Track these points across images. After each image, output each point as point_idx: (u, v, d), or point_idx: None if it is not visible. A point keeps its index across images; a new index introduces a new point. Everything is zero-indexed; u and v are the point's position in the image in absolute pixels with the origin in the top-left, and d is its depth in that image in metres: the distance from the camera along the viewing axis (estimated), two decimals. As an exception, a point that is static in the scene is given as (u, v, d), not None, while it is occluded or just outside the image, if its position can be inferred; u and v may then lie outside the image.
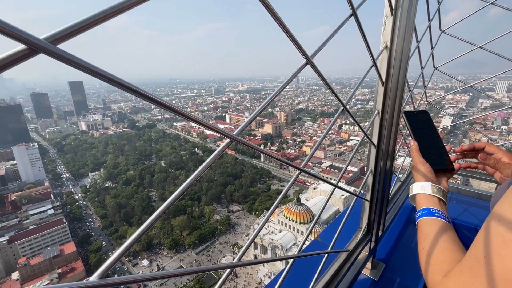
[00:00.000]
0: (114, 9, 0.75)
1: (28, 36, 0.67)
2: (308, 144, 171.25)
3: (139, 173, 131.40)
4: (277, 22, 1.20)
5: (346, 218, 2.46)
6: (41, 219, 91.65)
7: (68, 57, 0.72)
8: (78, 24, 0.73)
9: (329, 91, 1.87)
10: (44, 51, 0.69)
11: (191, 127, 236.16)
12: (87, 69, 0.75)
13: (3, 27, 0.59)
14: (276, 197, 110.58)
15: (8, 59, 0.65)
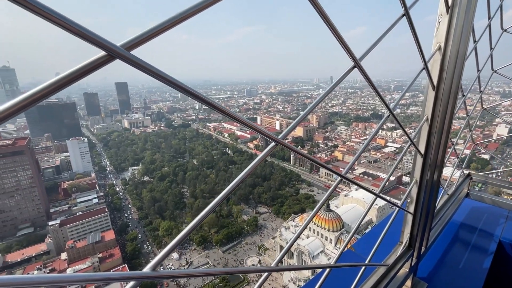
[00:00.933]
0: (183, 15, 0.92)
1: (108, 44, 0.85)
2: (341, 149, 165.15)
3: (173, 170, 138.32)
4: (326, 24, 1.19)
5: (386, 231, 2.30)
6: (87, 207, 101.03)
7: (140, 63, 0.90)
8: (148, 32, 0.88)
9: (376, 95, 1.80)
10: (120, 57, 0.84)
11: (223, 127, 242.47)
12: (155, 74, 0.92)
13: (88, 35, 0.80)
14: (304, 201, 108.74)
15: (91, 65, 0.88)
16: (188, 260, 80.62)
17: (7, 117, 0.81)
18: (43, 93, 0.95)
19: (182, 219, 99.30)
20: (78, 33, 0.83)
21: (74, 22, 0.84)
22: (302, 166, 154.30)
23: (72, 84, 0.97)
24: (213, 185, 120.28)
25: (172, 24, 0.96)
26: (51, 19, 0.81)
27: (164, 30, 0.98)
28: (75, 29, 0.83)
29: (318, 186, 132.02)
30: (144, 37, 0.94)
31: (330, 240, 69.60)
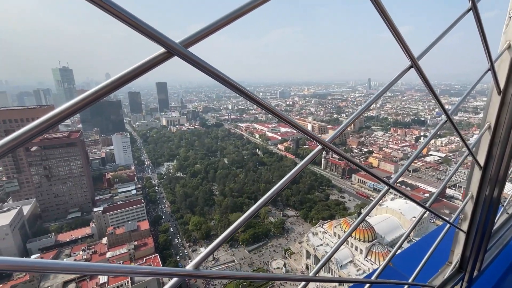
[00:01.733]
0: (239, 12, 0.95)
1: (168, 41, 0.89)
2: (377, 156, 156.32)
3: (204, 167, 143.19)
4: (384, 20, 1.13)
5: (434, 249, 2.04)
6: (126, 197, 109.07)
7: (197, 60, 0.91)
8: (205, 29, 0.89)
9: (433, 98, 1.67)
10: (179, 54, 0.85)
11: (254, 128, 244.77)
12: (210, 72, 0.94)
13: (150, 32, 0.85)
14: (335, 208, 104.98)
15: (151, 61, 0.93)
16: (214, 256, 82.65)
17: (72, 113, 0.89)
18: (107, 89, 1.01)
19: (211, 216, 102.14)
20: (141, 30, 0.86)
21: (138, 18, 0.88)
22: (333, 171, 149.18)
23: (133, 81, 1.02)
24: (242, 185, 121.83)
25: (228, 20, 0.98)
26: (118, 15, 0.85)
27: (220, 27, 0.99)
28: (138, 25, 0.87)
29: (350, 193, 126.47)
30: (201, 35, 0.96)
31: (361, 251, 66.16)
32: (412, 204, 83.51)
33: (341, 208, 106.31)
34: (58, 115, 0.87)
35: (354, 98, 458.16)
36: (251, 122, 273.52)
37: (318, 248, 71.52)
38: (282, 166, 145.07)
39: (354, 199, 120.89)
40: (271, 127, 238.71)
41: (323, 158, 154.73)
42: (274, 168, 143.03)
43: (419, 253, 2.15)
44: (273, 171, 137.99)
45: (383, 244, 68.00)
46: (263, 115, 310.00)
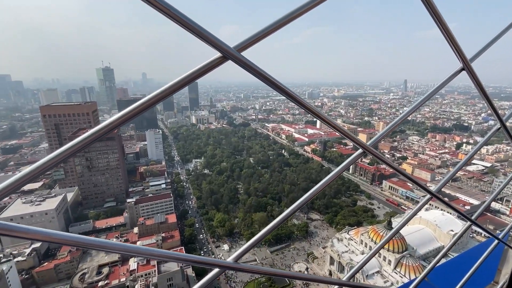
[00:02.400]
0: (288, 17, 0.98)
1: (224, 45, 0.97)
2: (411, 162, 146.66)
3: (230, 166, 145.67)
4: (435, 19, 1.07)
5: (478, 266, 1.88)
6: (156, 190, 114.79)
7: (249, 64, 1.00)
8: (257, 34, 0.96)
9: (486, 103, 1.54)
10: (233, 58, 0.93)
11: (281, 129, 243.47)
12: (261, 76, 1.01)
13: (207, 36, 0.91)
14: (362, 214, 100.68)
15: (208, 65, 1.01)
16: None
17: (130, 118, 0.97)
18: (168, 91, 1.06)
19: (235, 214, 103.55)
20: (199, 34, 0.91)
21: (197, 24, 0.92)
22: (362, 176, 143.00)
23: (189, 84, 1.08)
24: (266, 185, 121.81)
25: (279, 26, 1.02)
26: (179, 21, 0.87)
27: (271, 32, 1.04)
28: (198, 30, 0.91)
29: (379, 200, 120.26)
30: (253, 40, 1.02)
31: (389, 262, 62.63)
32: (450, 217, 77.07)
33: (369, 215, 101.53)
34: (118, 120, 0.95)
35: (388, 100, 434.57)
36: (278, 123, 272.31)
37: (343, 255, 69.06)
38: (308, 168, 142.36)
39: (384, 206, 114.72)
40: (298, 128, 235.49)
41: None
42: (300, 170, 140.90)
43: (459, 269, 1.93)
44: (299, 173, 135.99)
45: (415, 256, 63.67)
46: (290, 115, 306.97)
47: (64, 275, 70.42)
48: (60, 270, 70.93)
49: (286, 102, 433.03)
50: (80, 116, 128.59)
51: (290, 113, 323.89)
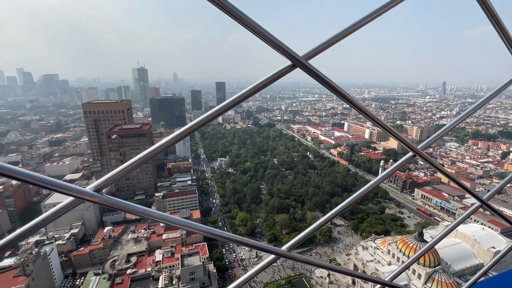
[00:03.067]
0: (356, 26, 1.01)
1: (293, 53, 1.04)
2: (448, 171, 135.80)
3: (254, 166, 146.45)
4: (488, 14, 1.05)
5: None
6: (182, 186, 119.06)
7: (317, 72, 1.05)
8: (325, 43, 0.98)
9: None
10: (301, 66, 1.01)
11: (307, 130, 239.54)
12: (327, 84, 1.04)
13: (278, 44, 0.99)
14: (390, 223, 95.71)
15: (278, 73, 1.11)
16: (258, 254, 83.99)
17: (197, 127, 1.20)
18: (238, 100, 1.18)
19: (257, 214, 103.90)
20: (270, 42, 0.99)
21: (269, 32, 0.99)
22: (392, 182, 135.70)
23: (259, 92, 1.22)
24: (290, 187, 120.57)
25: (345, 35, 1.05)
26: (250, 27, 0.95)
27: (338, 40, 1.08)
28: (270, 39, 0.98)
29: (410, 209, 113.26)
30: (321, 48, 1.05)
31: (419, 275, 58.74)
32: (492, 232, 70.40)
33: (398, 225, 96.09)
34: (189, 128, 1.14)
35: (423, 104, 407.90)
36: (303, 124, 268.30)
37: (368, 264, 66.15)
38: (334, 172, 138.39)
39: (415, 216, 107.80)
40: (325, 130, 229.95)
41: (381, 167, 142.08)
42: (325, 173, 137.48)
43: None
44: (324, 176, 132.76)
45: (449, 272, 59.03)
46: (316, 117, 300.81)
47: (97, 260, 75.82)
48: (94, 256, 76.49)
49: (312, 103, 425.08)
50: (116, 113, 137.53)
51: (317, 114, 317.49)
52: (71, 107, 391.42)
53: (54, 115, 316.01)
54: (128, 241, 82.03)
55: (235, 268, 78.90)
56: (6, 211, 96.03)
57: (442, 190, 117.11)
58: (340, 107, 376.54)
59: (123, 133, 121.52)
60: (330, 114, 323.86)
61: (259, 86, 1.12)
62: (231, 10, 0.87)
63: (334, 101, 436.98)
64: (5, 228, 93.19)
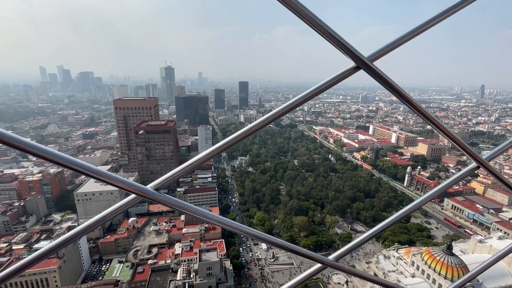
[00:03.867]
0: (421, 28, 0.99)
1: (359, 55, 1.04)
2: (482, 180, 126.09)
3: (274, 166, 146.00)
4: None
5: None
6: (203, 183, 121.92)
7: (381, 75, 1.06)
8: (391, 44, 0.97)
9: None
10: (366, 68, 1.01)
11: (329, 132, 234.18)
12: (391, 87, 1.05)
13: (345, 46, 0.97)
14: (416, 233, 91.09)
15: (342, 75, 1.12)
16: (274, 255, 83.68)
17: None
18: (301, 101, 1.16)
19: (275, 215, 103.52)
20: (336, 43, 0.97)
21: (334, 31, 0.99)
22: (419, 190, 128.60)
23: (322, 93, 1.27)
24: (310, 189, 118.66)
25: (410, 37, 1.04)
26: (316, 26, 0.95)
27: (404, 42, 1.05)
28: (334, 38, 0.98)
29: (438, 219, 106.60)
30: (387, 50, 1.04)
31: (446, 291, 55.03)
32: (532, 250, 64.07)
33: (424, 235, 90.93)
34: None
35: (457, 108, 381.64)
36: (326, 126, 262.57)
37: (390, 274, 63.29)
38: (356, 176, 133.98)
39: (444, 227, 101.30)
40: (348, 133, 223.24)
41: (407, 173, 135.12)
42: (347, 177, 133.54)
43: None
44: (345, 180, 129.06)
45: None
46: (340, 119, 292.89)
47: (121, 248, 79.97)
48: (118, 244, 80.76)
49: (336, 105, 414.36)
50: (144, 110, 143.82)
51: (341, 116, 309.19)
52: (103, 103, 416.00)
53: (88, 110, 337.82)
54: (150, 233, 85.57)
55: (251, 269, 79.17)
56: (44, 197, 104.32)
57: (476, 202, 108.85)
58: (366, 110, 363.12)
59: (150, 129, 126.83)
60: (355, 116, 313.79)
61: (322, 88, 1.11)
62: (296, 6, 0.86)
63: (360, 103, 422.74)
64: (42, 212, 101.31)
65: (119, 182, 1.33)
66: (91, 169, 1.25)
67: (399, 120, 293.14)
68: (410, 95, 1.25)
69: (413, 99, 1.25)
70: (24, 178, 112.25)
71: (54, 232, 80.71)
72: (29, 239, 79.80)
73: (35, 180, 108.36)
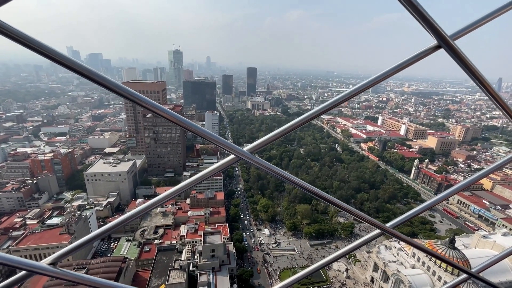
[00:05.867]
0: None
1: (442, 31, 0.94)
2: (491, 176, 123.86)
3: (280, 154, 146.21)
4: None
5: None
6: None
7: (463, 56, 0.97)
8: (475, 23, 0.91)
9: None
10: (447, 48, 0.92)
11: (337, 122, 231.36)
12: (470, 71, 0.99)
13: (430, 22, 0.88)
14: (419, 226, 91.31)
15: (421, 54, 1.01)
16: (276, 240, 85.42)
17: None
18: (380, 79, 1.12)
19: (279, 202, 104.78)
20: (420, 16, 0.88)
21: (421, 5, 0.91)
22: (425, 183, 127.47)
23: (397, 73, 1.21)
24: (315, 178, 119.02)
25: (493, 17, 0.97)
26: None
27: (487, 21, 1.00)
28: (420, 12, 0.89)
29: (442, 214, 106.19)
30: (470, 28, 0.98)
31: (444, 282, 55.60)
32: (537, 248, 63.77)
33: (427, 228, 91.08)
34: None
35: (472, 101, 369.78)
36: (334, 116, 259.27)
37: (390, 264, 64.14)
38: (362, 167, 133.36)
39: (448, 221, 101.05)
40: (356, 123, 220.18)
41: (414, 166, 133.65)
42: (352, 167, 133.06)
43: None
44: (351, 171, 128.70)
45: (479, 285, 55.15)
46: (349, 109, 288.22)
47: (129, 228, 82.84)
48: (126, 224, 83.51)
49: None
50: (152, 93, 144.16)
51: (349, 106, 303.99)
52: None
53: (97, 92, 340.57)
54: (156, 214, 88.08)
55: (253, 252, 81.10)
56: (55, 176, 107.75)
57: (483, 197, 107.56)
58: (376, 100, 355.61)
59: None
60: (364, 106, 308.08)
61: (401, 67, 1.05)
62: None
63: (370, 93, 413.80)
64: (54, 190, 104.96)
65: (221, 142, 1.46)
66: (195, 126, 1.53)
67: (409, 112, 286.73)
68: (491, 84, 1.19)
69: (492, 87, 1.19)
70: (37, 157, 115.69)
71: (65, 210, 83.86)
72: (42, 215, 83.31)
73: (47, 159, 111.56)
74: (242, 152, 1.64)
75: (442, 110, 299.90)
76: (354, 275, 72.52)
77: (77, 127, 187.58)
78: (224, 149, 1.59)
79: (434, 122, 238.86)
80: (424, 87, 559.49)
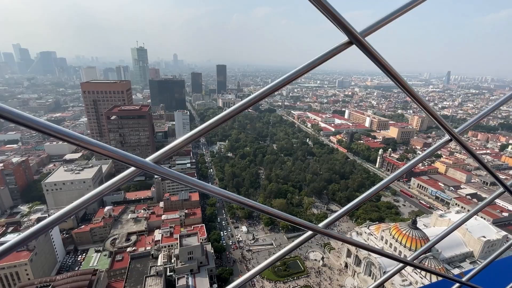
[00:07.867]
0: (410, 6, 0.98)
1: (352, 29, 0.96)
2: (445, 161, 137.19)
3: (253, 151, 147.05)
4: None
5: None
6: (182, 169, 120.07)
7: (372, 51, 1.01)
8: (382, 20, 0.94)
9: None
10: (358, 44, 0.96)
11: (307, 117, 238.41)
12: (381, 64, 1.01)
13: (339, 20, 0.92)
14: (385, 210, 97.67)
15: (333, 51, 1.01)
16: (254, 236, 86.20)
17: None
18: (293, 77, 1.09)
19: (255, 198, 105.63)
20: (330, 15, 0.93)
21: (329, 3, 0.94)
22: (389, 171, 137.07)
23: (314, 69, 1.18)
24: (288, 172, 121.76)
25: (402, 13, 1.02)
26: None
27: (397, 16, 1.04)
28: (330, 11, 0.93)
29: (405, 198, 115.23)
30: (379, 25, 1.02)
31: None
32: (483, 222, 72.22)
33: (392, 212, 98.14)
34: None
35: (426, 93, 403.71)
36: (304, 111, 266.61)
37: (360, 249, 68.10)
38: (332, 159, 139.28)
39: (410, 204, 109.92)
40: (325, 118, 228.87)
41: (379, 156, 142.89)
42: (323, 160, 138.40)
43: (494, 275, 1.82)
44: (322, 163, 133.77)
45: (438, 259, 61.03)
46: (317, 104, 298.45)
47: (98, 238, 77.86)
48: (94, 234, 78.43)
49: (314, 90, 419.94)
50: (116, 94, 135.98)
51: (318, 101, 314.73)
52: (69, 86, 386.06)
53: (53, 94, 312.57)
54: (128, 221, 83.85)
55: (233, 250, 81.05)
56: (8, 188, 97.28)
57: (439, 180, 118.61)
58: (342, 94, 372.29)
59: (123, 114, 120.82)
60: (332, 101, 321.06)
61: (314, 64, 1.06)
62: None
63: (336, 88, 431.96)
64: (7, 205, 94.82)
65: (117, 155, 1.24)
66: (86, 141, 1.19)
67: (373, 104, 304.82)
68: (401, 76, 1.26)
69: (401, 77, 1.26)
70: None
71: (22, 225, 76.25)
72: (-6, 233, 74.81)
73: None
74: (143, 163, 1.41)
75: (401, 102, 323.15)
76: (329, 262, 75.94)
77: (31, 133, 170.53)
78: (121, 161, 1.35)
79: (395, 114, 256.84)
80: (384, 81, 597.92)
